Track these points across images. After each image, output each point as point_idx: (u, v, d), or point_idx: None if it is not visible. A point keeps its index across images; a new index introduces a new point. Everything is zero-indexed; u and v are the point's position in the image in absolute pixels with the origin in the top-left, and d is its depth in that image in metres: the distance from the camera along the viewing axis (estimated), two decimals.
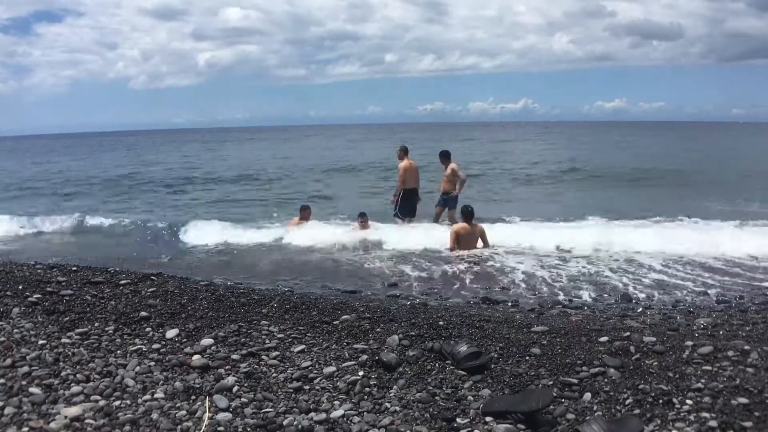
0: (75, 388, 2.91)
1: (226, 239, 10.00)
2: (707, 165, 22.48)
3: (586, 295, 6.07)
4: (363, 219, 9.99)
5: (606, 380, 3.08)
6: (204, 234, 10.37)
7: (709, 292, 6.11)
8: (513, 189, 17.74)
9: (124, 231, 11.36)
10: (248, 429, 2.61)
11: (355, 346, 3.53)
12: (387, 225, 10.14)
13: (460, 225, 8.59)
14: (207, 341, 3.55)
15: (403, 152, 10.32)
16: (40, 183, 21.96)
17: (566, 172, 21.16)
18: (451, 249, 8.38)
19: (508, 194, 16.40)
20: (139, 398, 2.86)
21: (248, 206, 15.09)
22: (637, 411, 2.75)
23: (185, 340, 3.61)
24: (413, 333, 3.72)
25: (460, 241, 8.42)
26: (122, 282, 4.91)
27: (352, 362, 3.30)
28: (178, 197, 17.59)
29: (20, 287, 4.53)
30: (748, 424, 2.57)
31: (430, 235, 9.21)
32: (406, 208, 10.25)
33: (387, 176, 19.30)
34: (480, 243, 8.56)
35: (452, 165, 10.03)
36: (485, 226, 8.84)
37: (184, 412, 2.73)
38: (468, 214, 8.54)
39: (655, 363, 3.26)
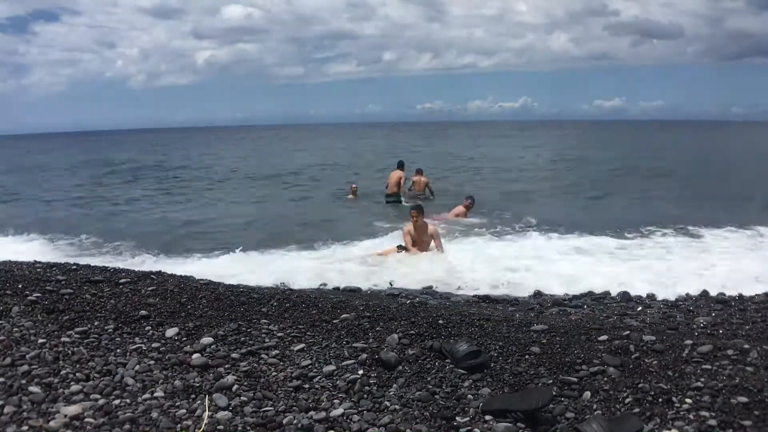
0: (75, 387, 2.90)
1: None
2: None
3: (586, 294, 6.06)
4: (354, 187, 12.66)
5: (605, 379, 3.08)
6: None
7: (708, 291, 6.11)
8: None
9: None
10: (248, 428, 2.61)
11: (354, 344, 3.53)
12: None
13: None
14: (207, 340, 3.54)
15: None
16: None
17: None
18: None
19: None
20: (139, 397, 2.86)
21: None
22: (636, 410, 2.75)
23: (185, 338, 3.60)
24: (413, 332, 3.71)
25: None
26: (122, 281, 4.89)
27: (352, 361, 3.30)
28: None
29: (20, 286, 4.52)
30: (747, 422, 2.57)
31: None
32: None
33: None
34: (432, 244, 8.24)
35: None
36: None
37: (183, 411, 2.74)
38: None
39: (655, 362, 3.26)
